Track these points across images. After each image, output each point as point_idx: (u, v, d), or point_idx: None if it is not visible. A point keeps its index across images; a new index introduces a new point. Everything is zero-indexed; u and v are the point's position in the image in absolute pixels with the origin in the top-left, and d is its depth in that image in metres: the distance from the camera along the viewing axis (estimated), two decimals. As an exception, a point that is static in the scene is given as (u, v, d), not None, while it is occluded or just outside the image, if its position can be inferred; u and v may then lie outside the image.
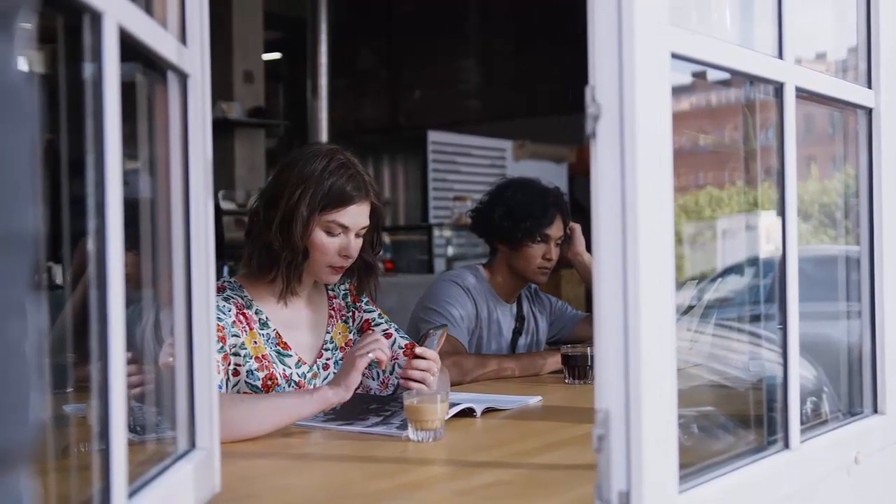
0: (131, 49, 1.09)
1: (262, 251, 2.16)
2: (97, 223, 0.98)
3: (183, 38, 1.32)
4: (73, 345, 1.46)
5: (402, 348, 2.32)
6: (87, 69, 0.99)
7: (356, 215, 2.17)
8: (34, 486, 0.56)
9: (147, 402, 1.44)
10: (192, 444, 1.34)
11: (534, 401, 2.30)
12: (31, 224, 0.54)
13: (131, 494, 1.05)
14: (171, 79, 1.31)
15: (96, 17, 0.97)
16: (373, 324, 2.37)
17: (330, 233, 2.16)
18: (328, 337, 2.31)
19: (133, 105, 1.25)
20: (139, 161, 1.31)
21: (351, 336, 2.35)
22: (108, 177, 0.99)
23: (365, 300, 2.41)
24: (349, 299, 2.38)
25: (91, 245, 0.99)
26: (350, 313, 2.37)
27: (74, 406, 1.35)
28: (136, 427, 1.32)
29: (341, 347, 2.32)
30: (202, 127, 1.35)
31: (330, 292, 2.37)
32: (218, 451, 1.39)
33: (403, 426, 1.87)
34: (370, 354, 1.98)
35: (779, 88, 1.48)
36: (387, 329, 2.36)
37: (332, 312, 2.35)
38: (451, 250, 7.44)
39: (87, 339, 1.01)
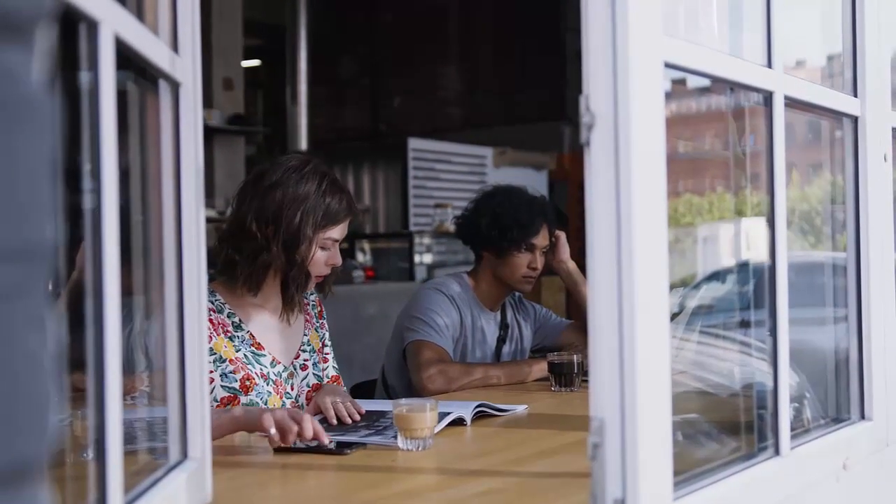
0: (124, 57, 1.08)
1: (261, 270, 2.22)
2: (93, 231, 0.98)
3: (175, 47, 1.32)
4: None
5: (328, 378, 2.40)
6: (83, 77, 0.99)
7: (345, 228, 2.29)
8: (52, 499, 0.56)
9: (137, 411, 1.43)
10: (185, 455, 1.33)
11: (521, 409, 2.30)
12: (49, 236, 0.54)
13: (126, 506, 1.05)
14: (163, 87, 1.30)
15: (93, 26, 0.97)
16: (325, 341, 2.48)
17: (324, 248, 2.26)
18: (305, 339, 2.39)
19: (124, 113, 1.24)
20: (130, 169, 1.31)
21: (320, 343, 2.44)
22: (105, 185, 0.98)
23: (324, 319, 2.50)
24: (316, 311, 2.47)
25: (86, 253, 0.99)
26: (319, 323, 2.47)
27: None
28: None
29: (318, 350, 2.41)
30: (194, 135, 1.35)
31: (303, 298, 2.43)
32: (210, 462, 1.38)
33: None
34: (272, 431, 1.82)
35: (768, 97, 1.49)
36: (328, 354, 2.47)
37: (308, 317, 2.43)
38: (431, 258, 7.43)
39: (73, 347, 1.00)
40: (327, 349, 2.47)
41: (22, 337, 0.52)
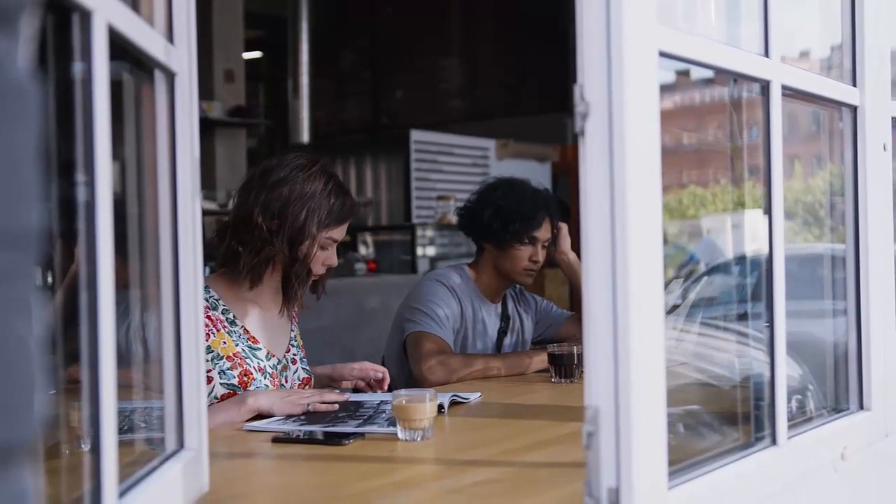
0: (118, 47, 1.08)
1: (263, 263, 2.24)
2: (87, 224, 0.98)
3: (170, 37, 1.32)
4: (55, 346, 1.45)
5: (299, 380, 2.40)
6: (76, 68, 0.98)
7: (345, 229, 2.33)
8: (37, 483, 0.56)
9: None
10: (181, 444, 1.33)
11: (475, 397, 2.33)
12: (35, 222, 0.54)
13: (121, 494, 1.05)
14: (159, 78, 1.30)
15: (86, 16, 0.97)
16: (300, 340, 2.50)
17: (324, 247, 2.28)
18: (293, 335, 2.42)
19: (119, 104, 1.24)
20: (125, 161, 1.31)
21: (301, 340, 2.47)
22: (98, 177, 0.98)
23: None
24: (296, 310, 2.48)
25: (80, 246, 0.99)
26: (297, 322, 2.50)
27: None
28: (121, 427, 1.32)
29: (301, 346, 2.45)
30: (189, 126, 1.34)
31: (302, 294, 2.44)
32: (206, 451, 1.38)
33: (392, 422, 1.87)
34: (309, 407, 2.10)
35: (765, 86, 1.49)
36: (298, 353, 2.46)
37: (293, 314, 2.45)
38: (434, 250, 7.43)
39: (70, 340, 1.00)
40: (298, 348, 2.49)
41: (8, 320, 0.52)
